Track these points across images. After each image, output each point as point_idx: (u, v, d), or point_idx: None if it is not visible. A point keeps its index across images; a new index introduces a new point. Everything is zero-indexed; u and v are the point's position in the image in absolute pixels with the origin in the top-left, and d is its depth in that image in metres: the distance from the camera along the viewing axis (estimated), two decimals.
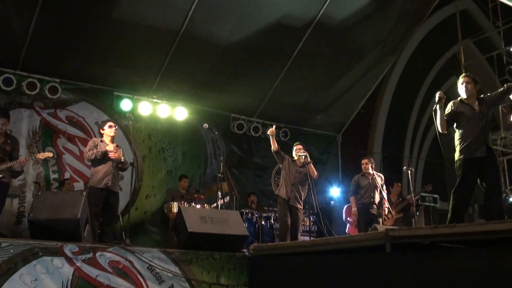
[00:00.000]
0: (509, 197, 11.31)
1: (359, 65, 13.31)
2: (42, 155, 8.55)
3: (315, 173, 9.60)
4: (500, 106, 12.21)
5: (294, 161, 9.83)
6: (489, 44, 15.24)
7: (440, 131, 6.97)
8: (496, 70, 12.89)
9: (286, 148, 13.51)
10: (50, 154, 8.89)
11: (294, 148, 9.99)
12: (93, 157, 8.37)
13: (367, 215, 10.19)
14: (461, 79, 6.99)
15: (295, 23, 11.70)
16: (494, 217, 6.10)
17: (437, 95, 6.89)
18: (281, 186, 9.74)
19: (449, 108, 6.93)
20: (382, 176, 10.56)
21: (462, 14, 14.43)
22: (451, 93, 18.90)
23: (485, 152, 6.57)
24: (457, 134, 6.89)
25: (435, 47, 17.47)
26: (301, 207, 9.67)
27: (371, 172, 10.36)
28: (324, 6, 11.56)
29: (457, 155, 6.83)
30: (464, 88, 6.86)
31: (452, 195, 6.76)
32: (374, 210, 10.19)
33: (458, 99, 6.95)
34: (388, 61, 14.11)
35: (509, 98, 11.11)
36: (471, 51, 15.52)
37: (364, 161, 10.54)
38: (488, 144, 6.65)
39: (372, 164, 10.45)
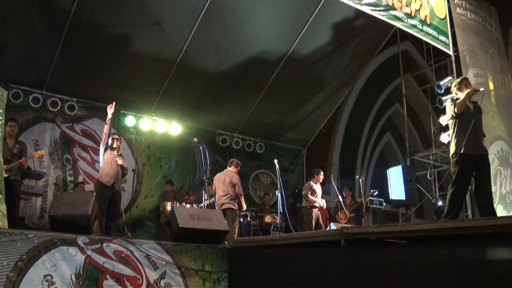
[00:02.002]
0: (438, 201, 11.36)
1: (321, 93, 13.38)
2: (37, 154, 8.50)
3: None
4: (432, 127, 12.35)
5: None
6: (424, 78, 15.39)
7: (458, 112, 6.30)
8: (429, 99, 13.02)
9: (262, 159, 13.63)
10: (43, 152, 8.87)
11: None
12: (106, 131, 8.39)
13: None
14: (463, 81, 6.60)
15: (271, 57, 11.74)
16: (485, 213, 6.04)
17: (471, 90, 6.31)
18: None
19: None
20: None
21: (403, 54, 14.57)
22: (394, 118, 19.23)
23: (483, 150, 6.33)
24: (455, 130, 6.40)
25: (382, 80, 17.61)
26: None
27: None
28: (294, 44, 11.65)
29: (453, 150, 6.38)
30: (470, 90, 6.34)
31: (449, 190, 6.36)
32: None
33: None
34: (345, 90, 14.22)
35: (444, 119, 11.31)
36: (411, 83, 15.66)
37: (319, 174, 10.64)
38: (482, 143, 6.37)
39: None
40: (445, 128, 11.37)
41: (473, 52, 11.58)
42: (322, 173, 10.69)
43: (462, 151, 6.20)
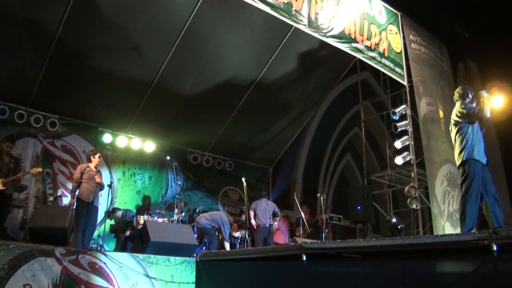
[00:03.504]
0: (392, 218, 11.54)
1: (287, 116, 13.51)
2: (34, 170, 8.39)
3: None
4: (387, 150, 12.60)
5: None
6: (382, 105, 15.69)
7: (487, 117, 5.86)
8: (385, 125, 13.29)
9: (231, 176, 13.65)
10: (40, 169, 8.75)
11: None
12: (74, 185, 8.31)
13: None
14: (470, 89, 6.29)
15: (241, 82, 11.84)
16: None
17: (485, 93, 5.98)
18: None
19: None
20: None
21: (363, 83, 14.87)
22: (353, 140, 19.51)
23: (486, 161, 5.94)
24: (465, 136, 5.95)
25: (343, 105, 17.82)
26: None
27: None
28: (263, 71, 11.80)
29: (464, 156, 5.87)
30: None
31: (464, 200, 5.72)
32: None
33: None
34: (309, 114, 14.41)
35: (398, 144, 11.56)
36: (369, 109, 15.93)
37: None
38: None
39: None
40: (400, 151, 11.64)
41: (425, 83, 11.94)
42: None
43: (475, 158, 5.82)
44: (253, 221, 10.35)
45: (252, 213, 10.42)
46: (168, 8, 9.67)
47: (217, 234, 9.79)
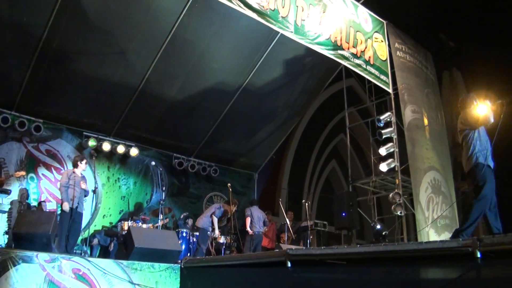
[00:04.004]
0: (377, 225, 11.61)
1: (272, 122, 13.56)
2: (17, 174, 8.33)
3: None
4: (372, 157, 12.71)
5: None
6: (367, 112, 15.82)
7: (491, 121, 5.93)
8: (370, 131, 13.40)
9: (216, 182, 13.65)
10: (23, 173, 8.67)
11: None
12: (63, 189, 8.23)
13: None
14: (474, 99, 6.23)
15: (227, 88, 11.87)
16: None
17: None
18: None
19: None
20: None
21: (348, 89, 14.95)
22: (339, 147, 19.63)
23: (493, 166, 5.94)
24: (471, 142, 6.00)
25: (328, 112, 17.95)
26: None
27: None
28: (249, 77, 11.84)
29: (473, 161, 5.91)
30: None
31: (475, 203, 5.71)
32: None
33: None
34: (295, 120, 14.47)
35: (383, 150, 11.67)
36: (354, 116, 16.03)
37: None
38: None
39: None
40: (384, 158, 11.74)
41: (410, 91, 12.08)
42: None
43: (484, 162, 5.85)
44: (249, 229, 10.41)
45: (249, 220, 10.45)
46: (155, 13, 9.67)
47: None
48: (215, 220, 10.23)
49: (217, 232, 10.26)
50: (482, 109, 6.04)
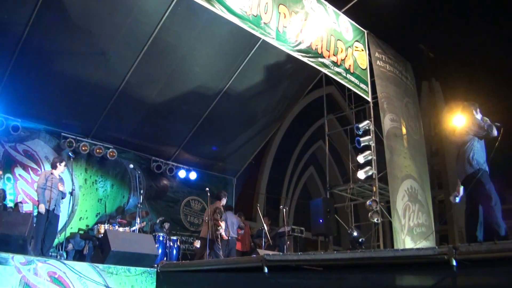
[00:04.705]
0: (354, 231, 11.74)
1: (252, 127, 13.64)
2: None
3: None
4: (350, 164, 12.85)
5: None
6: (346, 120, 16.04)
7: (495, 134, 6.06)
8: (349, 139, 13.57)
9: (194, 186, 13.62)
10: (0, 172, 8.54)
11: None
12: (40, 191, 8.13)
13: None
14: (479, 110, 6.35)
15: (207, 91, 11.90)
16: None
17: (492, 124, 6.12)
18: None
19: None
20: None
21: (328, 97, 15.14)
22: (317, 153, 19.80)
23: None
24: (472, 149, 6.12)
25: (308, 118, 18.12)
26: None
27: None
28: (230, 81, 11.90)
29: (474, 166, 6.04)
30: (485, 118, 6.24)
31: (492, 208, 5.75)
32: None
33: None
34: (274, 126, 14.58)
35: (361, 158, 11.81)
36: (333, 123, 16.24)
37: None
38: None
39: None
40: (362, 165, 11.89)
41: (390, 100, 12.27)
42: None
43: (485, 168, 6.01)
44: (223, 233, 10.39)
45: (223, 225, 10.44)
46: (137, 15, 9.66)
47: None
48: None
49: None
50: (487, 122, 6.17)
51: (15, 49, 9.12)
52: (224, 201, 10.33)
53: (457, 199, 6.36)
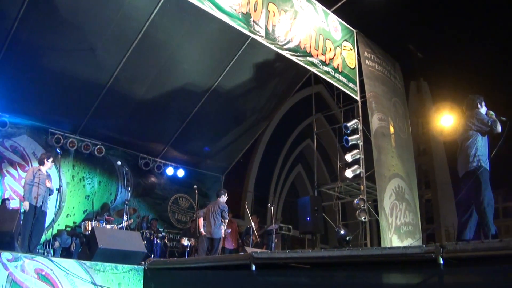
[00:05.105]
0: (341, 230, 11.79)
1: (241, 125, 13.68)
2: None
3: None
4: (338, 163, 12.92)
5: None
6: (334, 119, 16.11)
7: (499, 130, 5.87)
8: (337, 138, 13.64)
9: (182, 183, 13.60)
10: None
11: None
12: (27, 187, 8.08)
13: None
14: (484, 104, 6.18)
15: (196, 89, 11.90)
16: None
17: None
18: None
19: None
20: None
21: (317, 96, 15.19)
22: (305, 152, 19.86)
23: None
24: (475, 144, 5.93)
25: (296, 117, 18.17)
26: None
27: None
28: (219, 79, 11.92)
29: (475, 163, 5.86)
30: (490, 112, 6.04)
31: (485, 207, 5.61)
32: None
33: None
34: (263, 124, 14.62)
35: (349, 157, 11.88)
36: (322, 122, 16.29)
37: None
38: None
39: None
40: (350, 164, 11.96)
41: (378, 99, 12.35)
42: None
43: (486, 166, 5.83)
44: (202, 230, 10.39)
45: (201, 221, 10.44)
46: (126, 11, 9.62)
47: None
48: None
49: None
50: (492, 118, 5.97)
51: (3, 44, 9.06)
52: (224, 199, 10.30)
53: None
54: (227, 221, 9.95)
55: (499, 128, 5.86)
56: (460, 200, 6.08)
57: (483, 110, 6.13)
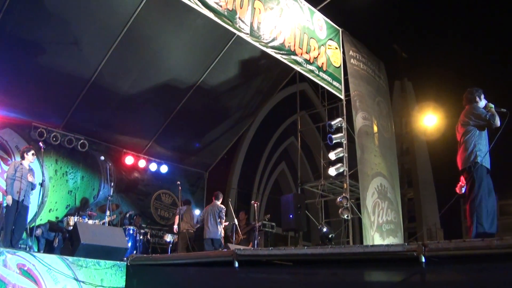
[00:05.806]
0: (323, 227, 11.88)
1: (225, 122, 13.70)
2: None
3: None
4: (322, 161, 13.02)
5: None
6: (318, 117, 16.21)
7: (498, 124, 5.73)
8: (321, 136, 13.74)
9: (165, 179, 13.58)
10: None
11: None
12: (9, 181, 8.01)
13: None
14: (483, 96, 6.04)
15: (181, 85, 11.89)
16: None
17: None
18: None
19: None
20: None
21: (301, 93, 15.29)
22: (289, 149, 19.93)
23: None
24: (473, 139, 5.82)
25: (280, 115, 18.19)
26: None
27: None
28: (204, 76, 11.93)
29: (472, 159, 5.74)
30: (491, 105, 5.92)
31: (475, 206, 5.53)
32: None
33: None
34: (247, 121, 14.68)
35: (332, 155, 11.98)
36: (306, 120, 16.38)
37: None
38: None
39: None
40: (334, 162, 12.06)
41: (362, 98, 12.47)
42: None
43: (482, 162, 5.70)
44: (176, 227, 10.58)
45: (177, 219, 10.60)
46: (112, 4, 9.60)
47: None
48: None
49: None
50: (491, 111, 5.85)
51: None
52: (220, 200, 10.57)
53: (463, 190, 5.96)
54: (223, 221, 10.28)
55: (497, 122, 5.74)
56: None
57: (482, 103, 6.00)
